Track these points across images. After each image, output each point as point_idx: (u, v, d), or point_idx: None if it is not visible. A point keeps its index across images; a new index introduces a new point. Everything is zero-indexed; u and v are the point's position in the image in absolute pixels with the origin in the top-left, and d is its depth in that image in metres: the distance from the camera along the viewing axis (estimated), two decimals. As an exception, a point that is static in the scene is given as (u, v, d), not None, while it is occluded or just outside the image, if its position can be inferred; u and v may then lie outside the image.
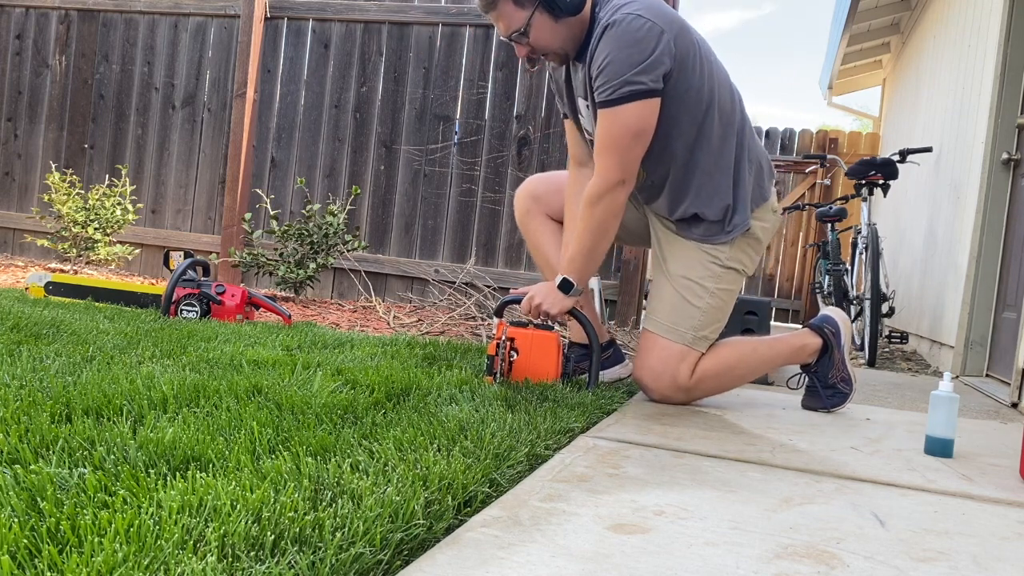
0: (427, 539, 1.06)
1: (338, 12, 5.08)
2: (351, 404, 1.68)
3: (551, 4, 2.08)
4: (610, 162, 2.11)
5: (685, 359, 2.21)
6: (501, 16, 2.14)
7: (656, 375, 2.23)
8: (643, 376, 2.26)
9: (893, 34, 7.61)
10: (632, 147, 2.10)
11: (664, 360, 2.22)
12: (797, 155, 8.20)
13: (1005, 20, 3.71)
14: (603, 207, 2.13)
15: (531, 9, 2.10)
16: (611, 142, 2.09)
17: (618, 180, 2.11)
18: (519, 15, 2.12)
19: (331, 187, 5.11)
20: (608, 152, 2.11)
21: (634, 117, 2.06)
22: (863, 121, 11.33)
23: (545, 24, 2.12)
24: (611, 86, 2.04)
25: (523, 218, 2.54)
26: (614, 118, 2.07)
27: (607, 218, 2.15)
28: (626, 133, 2.08)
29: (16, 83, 5.77)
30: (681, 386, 2.22)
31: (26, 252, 5.63)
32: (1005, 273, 3.70)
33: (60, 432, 1.27)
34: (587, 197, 2.15)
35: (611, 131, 2.09)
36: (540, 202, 2.50)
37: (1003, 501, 1.48)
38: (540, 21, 2.12)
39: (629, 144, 2.09)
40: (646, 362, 2.25)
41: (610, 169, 2.11)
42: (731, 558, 1.06)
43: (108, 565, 0.82)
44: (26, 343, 2.14)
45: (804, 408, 2.38)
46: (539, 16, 2.11)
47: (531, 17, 2.11)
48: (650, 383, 2.24)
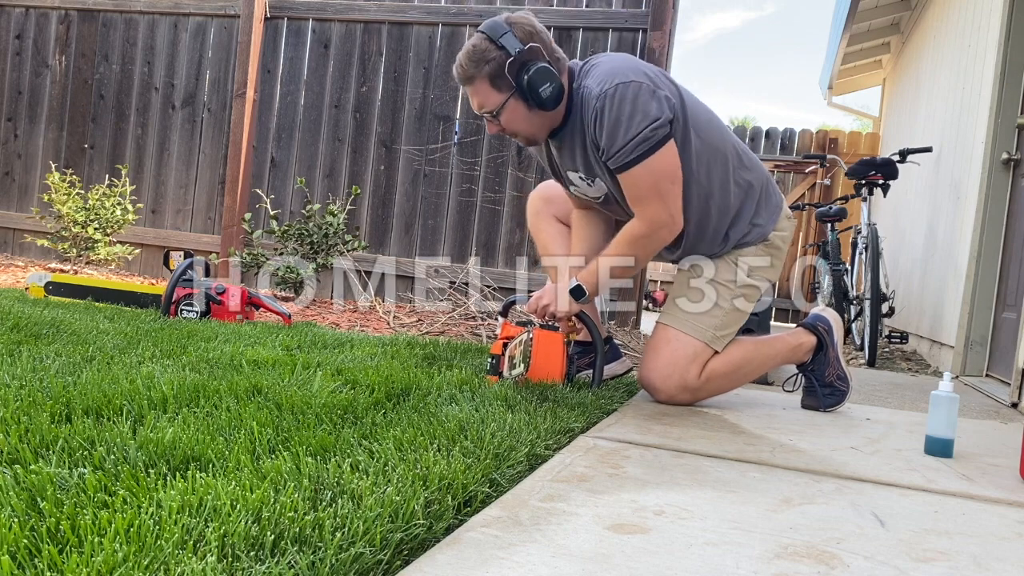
0: (427, 539, 1.06)
1: (338, 12, 5.08)
2: (351, 404, 1.68)
3: (527, 95, 2.07)
4: (654, 207, 2.11)
5: (697, 358, 2.22)
6: (476, 92, 2.13)
7: (665, 376, 2.22)
8: (651, 376, 2.25)
9: (893, 34, 7.61)
10: (672, 189, 2.11)
11: (675, 359, 2.22)
12: (797, 155, 8.20)
13: (1005, 20, 3.71)
14: (642, 246, 2.16)
15: (507, 94, 2.10)
16: (649, 191, 2.10)
17: (667, 218, 2.12)
18: (494, 97, 2.11)
19: (331, 187, 5.10)
20: (648, 200, 2.11)
21: (661, 161, 2.06)
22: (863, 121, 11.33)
23: (519, 111, 2.12)
24: (629, 148, 2.03)
25: (533, 219, 2.56)
26: (644, 171, 2.06)
27: (642, 255, 2.19)
28: (664, 178, 2.09)
29: (16, 83, 5.77)
30: (689, 386, 2.22)
31: (26, 252, 5.63)
32: (1005, 273, 3.70)
33: (60, 432, 1.27)
34: (629, 236, 2.15)
35: (647, 182, 2.08)
36: (551, 204, 2.52)
37: (1003, 501, 1.48)
38: (514, 107, 2.11)
39: (668, 187, 2.10)
40: (656, 361, 2.24)
41: (658, 212, 2.11)
42: (731, 558, 1.06)
43: (108, 565, 0.82)
44: (26, 343, 2.14)
45: (804, 408, 2.39)
46: (513, 102, 2.11)
47: (506, 102, 2.10)
48: (658, 383, 2.24)
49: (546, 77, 2.05)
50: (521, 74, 2.05)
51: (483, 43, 2.07)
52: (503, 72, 2.06)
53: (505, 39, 2.04)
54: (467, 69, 2.09)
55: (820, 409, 2.36)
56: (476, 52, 2.07)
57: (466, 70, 2.10)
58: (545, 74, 2.04)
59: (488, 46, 2.06)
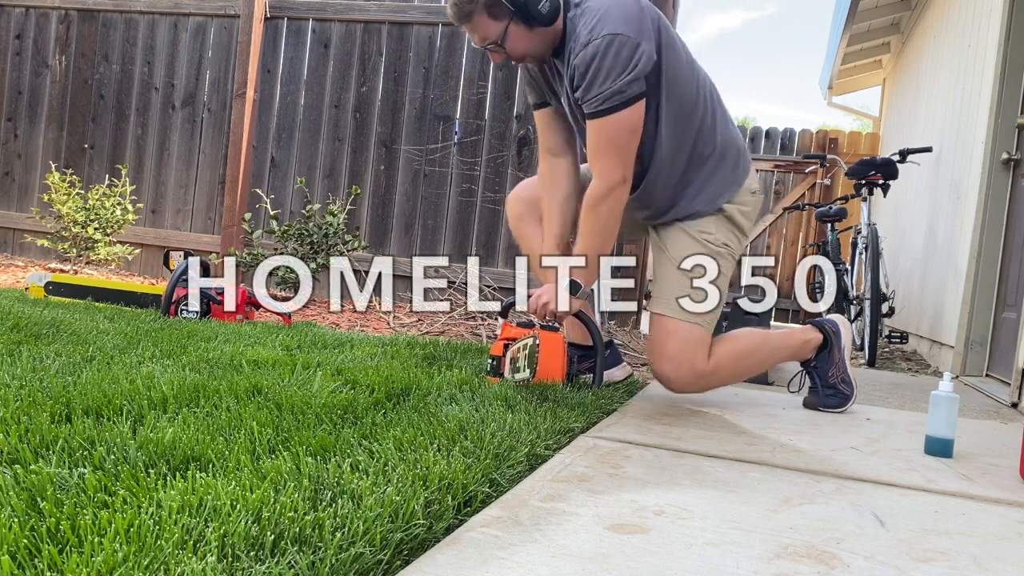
0: (427, 539, 1.06)
1: (338, 12, 5.08)
2: (351, 404, 1.68)
3: (526, 15, 2.10)
4: (609, 162, 2.14)
5: (702, 343, 2.22)
6: (476, 28, 2.16)
7: (676, 363, 2.22)
8: (663, 367, 2.24)
9: (893, 34, 7.61)
10: (629, 143, 2.14)
11: (682, 346, 2.22)
12: (797, 155, 8.20)
13: (1005, 20, 3.71)
14: (607, 208, 2.17)
15: (506, 21, 2.13)
16: (608, 143, 2.13)
17: (620, 179, 2.15)
18: (494, 27, 2.15)
19: (331, 187, 5.10)
20: (605, 153, 2.14)
21: (627, 118, 2.10)
22: (863, 121, 11.32)
23: (520, 34, 2.15)
24: (600, 98, 2.07)
25: (516, 223, 2.54)
26: (608, 123, 2.10)
27: (611, 218, 2.19)
28: (623, 131, 2.12)
29: (16, 83, 5.77)
30: (699, 371, 2.22)
31: (26, 252, 5.63)
32: (1005, 273, 3.69)
33: (60, 432, 1.27)
34: (590, 201, 2.18)
35: (607, 134, 2.12)
36: (533, 206, 2.50)
37: (1003, 501, 1.48)
38: (515, 32, 2.14)
39: (627, 141, 2.13)
40: (664, 350, 2.24)
41: (611, 169, 2.14)
42: (731, 558, 1.06)
43: (108, 565, 0.82)
44: (26, 343, 2.14)
45: (806, 407, 2.39)
46: (514, 27, 2.14)
47: (506, 28, 2.14)
48: (670, 372, 2.23)
49: None
50: None
51: None
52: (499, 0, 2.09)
53: None
54: (462, 6, 2.12)
55: (819, 408, 2.36)
56: None
57: (461, 7, 2.12)
58: None
59: None
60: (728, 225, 2.29)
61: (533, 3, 2.08)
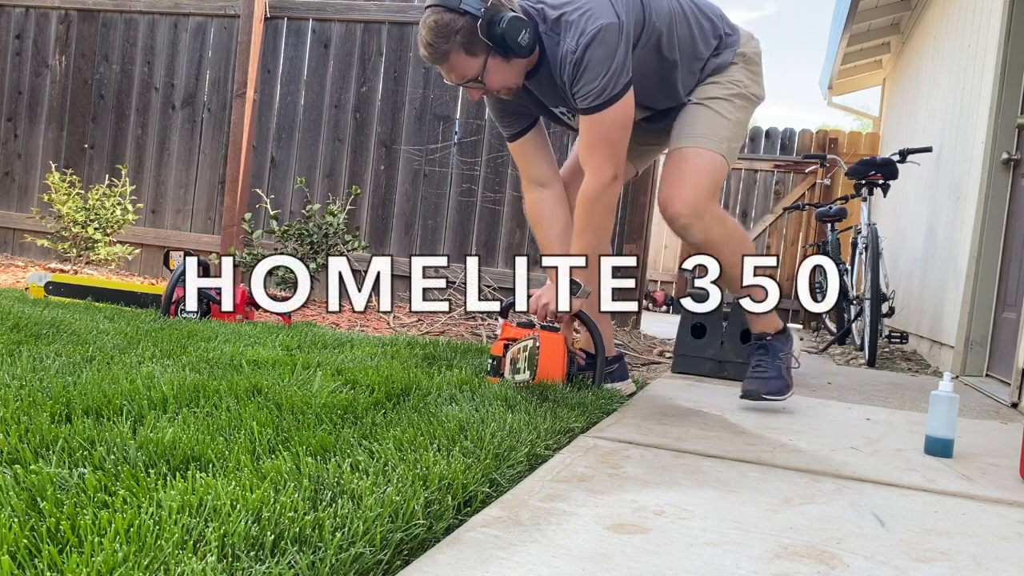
0: (427, 539, 1.06)
1: (338, 12, 5.08)
2: (351, 404, 1.68)
3: (505, 49, 2.05)
4: (602, 158, 2.14)
5: (713, 170, 2.23)
6: (453, 68, 2.10)
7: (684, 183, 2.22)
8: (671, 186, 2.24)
9: (893, 34, 7.61)
10: (621, 138, 2.15)
11: (694, 169, 2.23)
12: (797, 155, 8.20)
13: (1005, 20, 3.71)
14: (602, 204, 2.18)
15: (484, 56, 2.07)
16: (601, 138, 2.14)
17: (612, 175, 2.16)
18: (473, 64, 2.09)
19: (331, 187, 5.10)
20: (598, 149, 2.15)
21: (619, 112, 2.11)
22: (863, 121, 11.33)
23: (499, 67, 2.11)
24: (592, 94, 2.07)
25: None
26: (601, 119, 2.11)
27: (605, 214, 2.20)
28: (614, 127, 2.13)
29: (16, 83, 5.77)
30: (701, 198, 2.22)
31: (26, 252, 5.63)
32: (1005, 273, 3.69)
33: (60, 432, 1.27)
34: (585, 198, 2.18)
35: (600, 129, 2.13)
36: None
37: (1003, 501, 1.48)
38: (494, 65, 2.10)
39: (619, 136, 2.15)
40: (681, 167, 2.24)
41: (603, 166, 2.14)
42: (731, 558, 1.06)
43: (108, 565, 0.82)
44: (26, 343, 2.14)
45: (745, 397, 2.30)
46: (492, 61, 2.08)
47: (485, 64, 2.09)
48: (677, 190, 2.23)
49: (519, 25, 2.03)
50: (494, 31, 2.01)
51: (444, 15, 2.02)
52: (476, 36, 2.03)
53: (465, 3, 2.01)
54: (438, 47, 2.04)
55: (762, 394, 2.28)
56: (441, 27, 2.02)
57: (437, 48, 2.05)
58: (517, 23, 2.03)
59: (451, 16, 2.01)
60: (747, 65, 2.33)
61: (512, 36, 2.01)
